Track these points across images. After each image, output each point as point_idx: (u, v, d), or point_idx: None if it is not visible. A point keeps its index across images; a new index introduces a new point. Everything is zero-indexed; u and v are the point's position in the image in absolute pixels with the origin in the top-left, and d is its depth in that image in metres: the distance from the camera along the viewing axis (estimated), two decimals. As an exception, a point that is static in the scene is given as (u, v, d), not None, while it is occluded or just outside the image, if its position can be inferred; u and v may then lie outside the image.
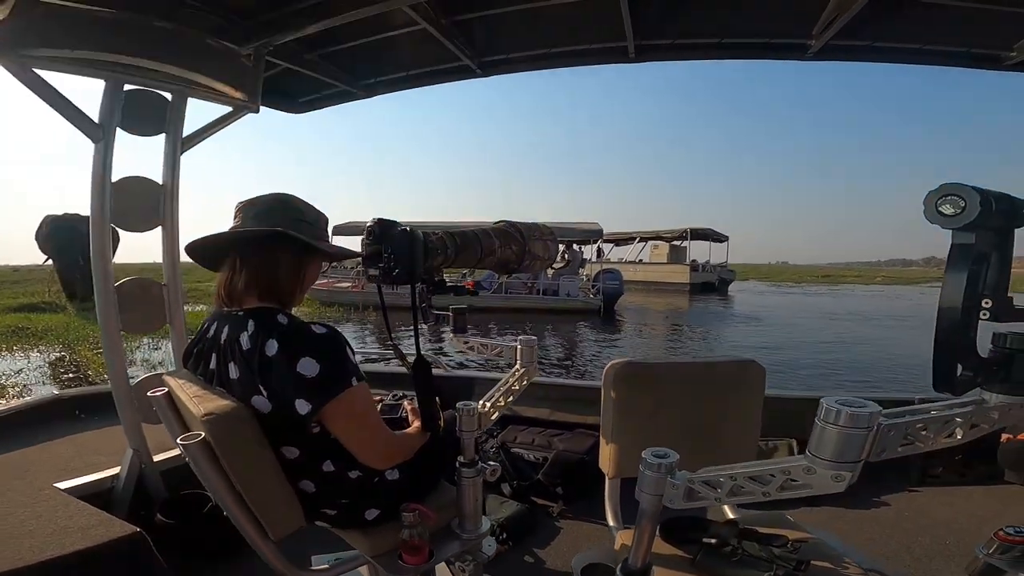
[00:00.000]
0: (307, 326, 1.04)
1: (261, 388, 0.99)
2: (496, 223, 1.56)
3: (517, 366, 1.69)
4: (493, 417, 1.70)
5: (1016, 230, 0.69)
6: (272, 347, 0.98)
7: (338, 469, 1.12)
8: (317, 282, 1.27)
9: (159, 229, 1.82)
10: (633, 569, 0.93)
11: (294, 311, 1.14)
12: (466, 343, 1.78)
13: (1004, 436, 2.49)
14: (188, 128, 1.86)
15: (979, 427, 0.76)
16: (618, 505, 1.35)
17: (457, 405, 1.33)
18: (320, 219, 1.20)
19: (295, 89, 2.39)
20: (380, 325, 12.90)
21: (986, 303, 0.67)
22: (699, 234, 26.67)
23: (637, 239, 29.12)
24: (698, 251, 28.60)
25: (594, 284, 16.18)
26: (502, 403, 1.70)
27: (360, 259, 1.21)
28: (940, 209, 0.64)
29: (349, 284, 16.58)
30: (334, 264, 14.05)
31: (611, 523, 1.34)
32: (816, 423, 0.70)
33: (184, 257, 1.39)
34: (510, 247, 1.51)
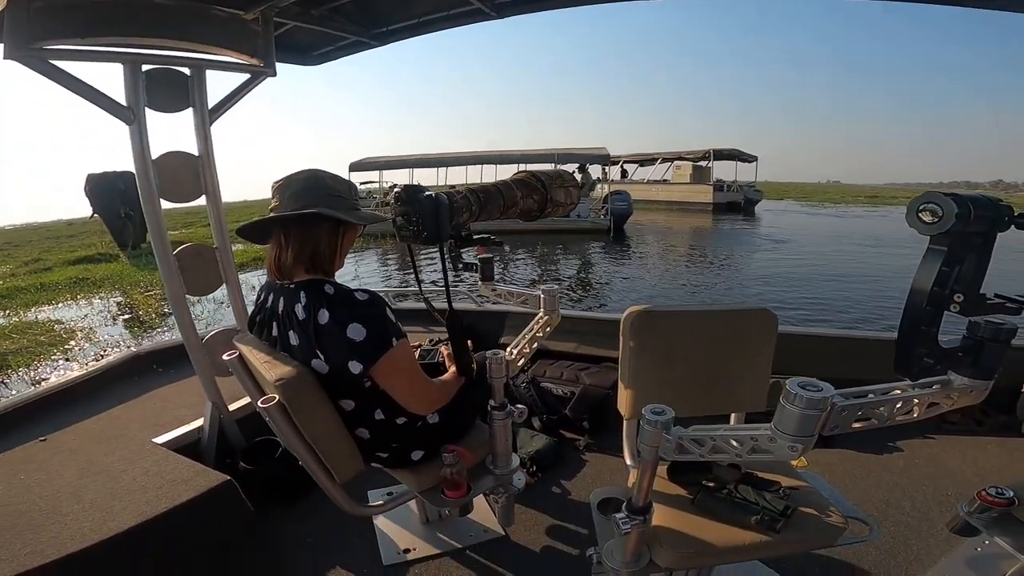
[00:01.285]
0: (351, 294, 1.17)
1: (318, 352, 1.15)
2: (516, 174, 1.62)
3: (541, 313, 1.80)
4: (520, 362, 1.84)
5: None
6: (324, 316, 1.13)
7: (387, 417, 1.30)
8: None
9: (203, 198, 1.91)
10: (636, 507, 1.05)
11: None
12: (494, 290, 1.89)
13: None
14: (213, 98, 1.89)
15: (937, 405, 0.85)
16: (635, 445, 1.41)
17: (486, 354, 1.44)
18: (351, 189, 1.31)
19: (308, 43, 2.36)
20: (396, 252, 13.65)
21: (957, 297, 0.74)
22: (723, 154, 25.94)
23: (659, 160, 28.47)
24: (726, 172, 27.85)
25: (604, 205, 16.54)
26: (527, 350, 1.83)
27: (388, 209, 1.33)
28: (920, 216, 0.70)
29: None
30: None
31: (628, 461, 1.45)
32: (780, 402, 0.80)
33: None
34: (532, 197, 1.58)
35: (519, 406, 1.51)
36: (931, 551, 1.71)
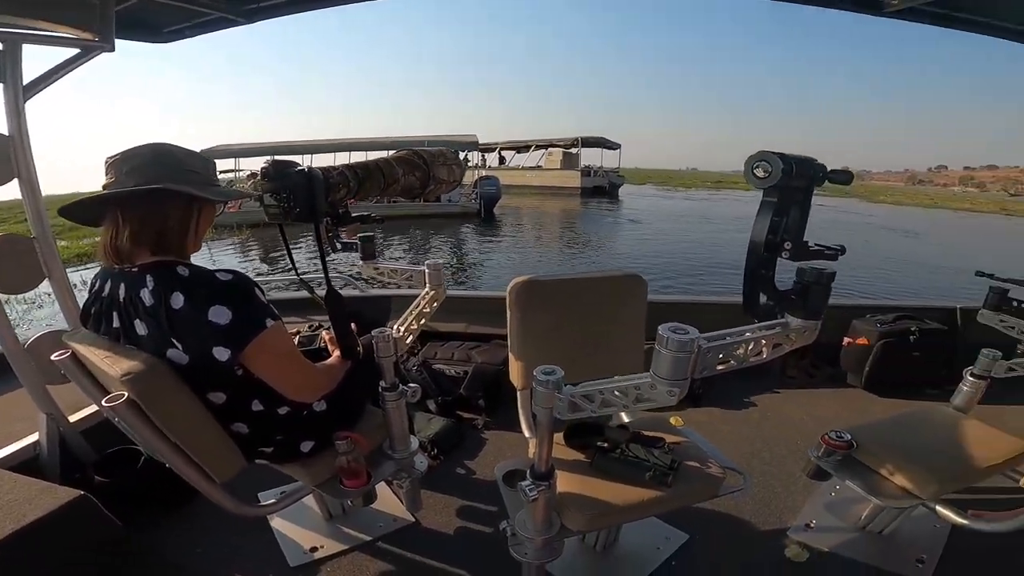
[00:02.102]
0: (211, 274, 1.05)
1: (174, 341, 1.01)
2: (398, 152, 1.59)
3: (427, 288, 1.76)
4: (408, 340, 1.78)
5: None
6: (178, 300, 0.99)
7: (267, 407, 1.19)
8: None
9: (15, 183, 1.63)
10: (539, 473, 1.08)
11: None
12: (376, 269, 1.83)
13: (845, 340, 2.91)
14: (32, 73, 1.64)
15: (781, 346, 0.99)
16: (531, 415, 1.43)
17: (372, 333, 1.39)
18: (208, 166, 1.16)
19: (160, 19, 2.09)
20: (258, 243, 13.33)
21: (787, 245, 0.88)
22: (591, 142, 28.24)
23: (533, 147, 29.90)
24: (595, 158, 30.39)
25: (475, 189, 18.06)
26: (415, 326, 1.80)
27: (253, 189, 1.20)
28: (755, 172, 0.82)
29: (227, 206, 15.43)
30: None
31: (526, 433, 1.49)
32: (656, 347, 0.88)
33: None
34: (414, 174, 1.55)
35: (411, 385, 1.49)
36: (795, 497, 1.95)
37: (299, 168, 1.18)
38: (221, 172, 16.88)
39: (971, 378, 1.84)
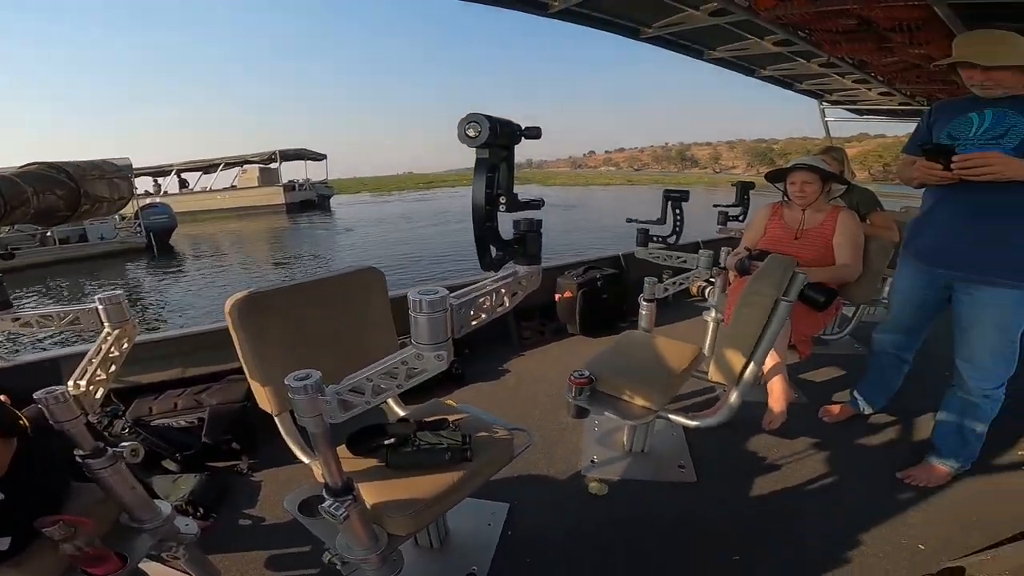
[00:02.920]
0: None
1: None
2: (25, 165, 1.19)
3: (106, 329, 1.43)
4: (98, 394, 1.45)
5: (516, 146, 0.99)
6: None
7: None
8: None
9: None
10: (337, 489, 0.98)
11: None
12: (17, 320, 1.40)
13: (556, 296, 3.44)
14: None
15: (517, 294, 1.09)
16: (299, 437, 1.33)
17: (35, 396, 1.05)
18: None
19: None
20: None
21: (502, 199, 0.97)
22: (291, 155, 26.52)
23: (223, 166, 26.37)
24: (298, 172, 28.79)
25: (137, 221, 14.90)
26: (102, 376, 1.41)
27: None
28: (467, 132, 0.88)
29: None
30: None
31: (303, 458, 1.32)
32: (410, 315, 0.87)
33: None
34: (54, 192, 1.24)
35: (125, 444, 1.17)
36: (573, 440, 2.20)
37: None
38: None
39: (644, 303, 2.37)
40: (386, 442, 1.29)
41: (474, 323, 0.98)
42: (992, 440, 1.88)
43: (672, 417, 1.86)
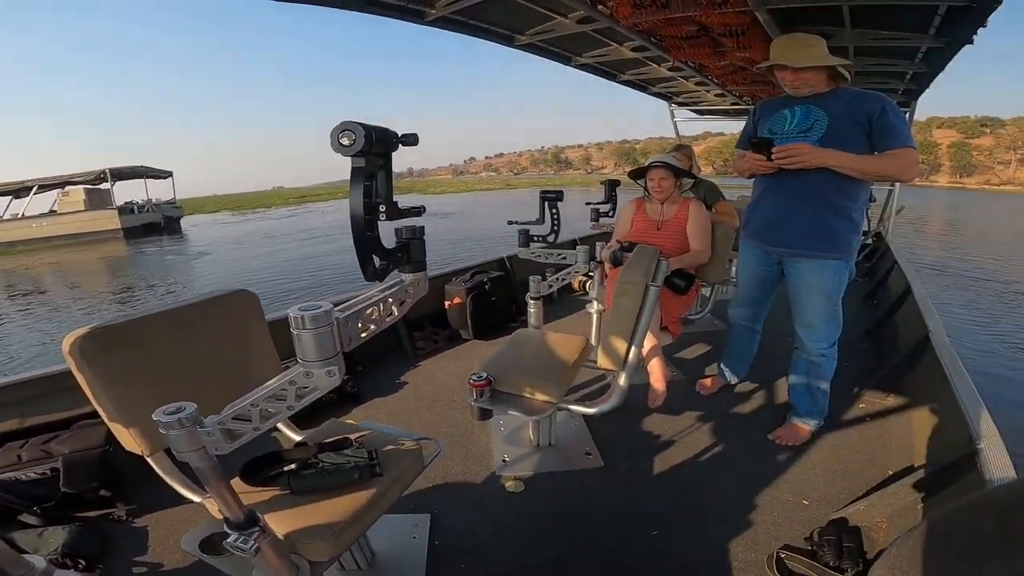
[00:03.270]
0: None
1: None
2: None
3: None
4: None
5: (393, 153, 0.96)
6: None
7: None
8: None
9: None
10: (239, 522, 0.91)
11: None
12: None
13: (446, 303, 3.40)
14: None
15: (405, 303, 1.06)
16: (182, 475, 1.19)
17: None
18: None
19: None
20: None
21: (382, 208, 0.94)
22: (126, 173, 23.18)
23: (36, 188, 22.34)
24: (137, 192, 25.12)
25: None
26: None
27: None
28: (341, 141, 0.84)
29: None
30: None
31: (193, 497, 1.19)
32: (293, 334, 0.83)
33: None
34: None
35: None
36: (480, 443, 2.19)
37: None
38: None
39: (531, 301, 2.46)
40: (285, 468, 1.20)
41: (364, 335, 0.94)
42: (836, 399, 2.22)
43: (571, 407, 1.94)
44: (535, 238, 2.87)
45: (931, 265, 11.03)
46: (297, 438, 1.49)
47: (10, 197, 22.87)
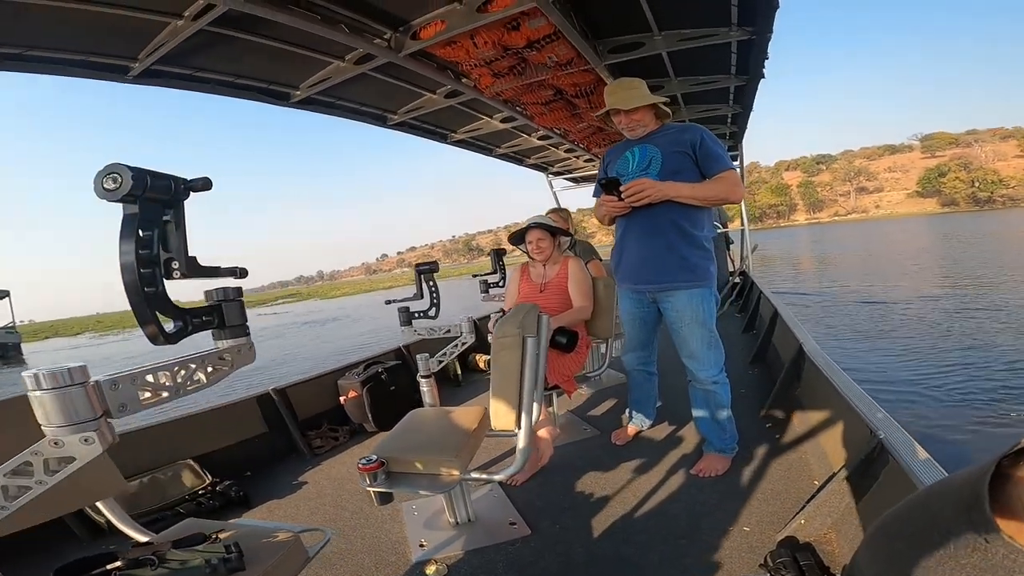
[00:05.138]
0: None
1: None
2: None
3: None
4: None
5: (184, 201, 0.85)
6: None
7: None
8: None
9: None
10: None
11: None
12: None
13: (341, 399, 3.24)
14: None
15: (220, 371, 0.91)
16: None
17: None
18: None
19: None
20: None
21: (176, 265, 0.81)
22: None
23: None
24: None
25: None
26: None
27: None
28: (105, 185, 0.72)
29: None
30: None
31: None
32: (28, 395, 0.68)
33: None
34: None
35: None
36: (393, 532, 2.00)
37: None
38: None
39: (422, 379, 2.42)
40: (109, 567, 0.99)
41: (153, 401, 0.80)
42: (743, 424, 2.27)
43: (477, 476, 1.84)
44: (416, 315, 2.78)
45: (818, 293, 12.82)
46: (145, 539, 1.25)
47: None
